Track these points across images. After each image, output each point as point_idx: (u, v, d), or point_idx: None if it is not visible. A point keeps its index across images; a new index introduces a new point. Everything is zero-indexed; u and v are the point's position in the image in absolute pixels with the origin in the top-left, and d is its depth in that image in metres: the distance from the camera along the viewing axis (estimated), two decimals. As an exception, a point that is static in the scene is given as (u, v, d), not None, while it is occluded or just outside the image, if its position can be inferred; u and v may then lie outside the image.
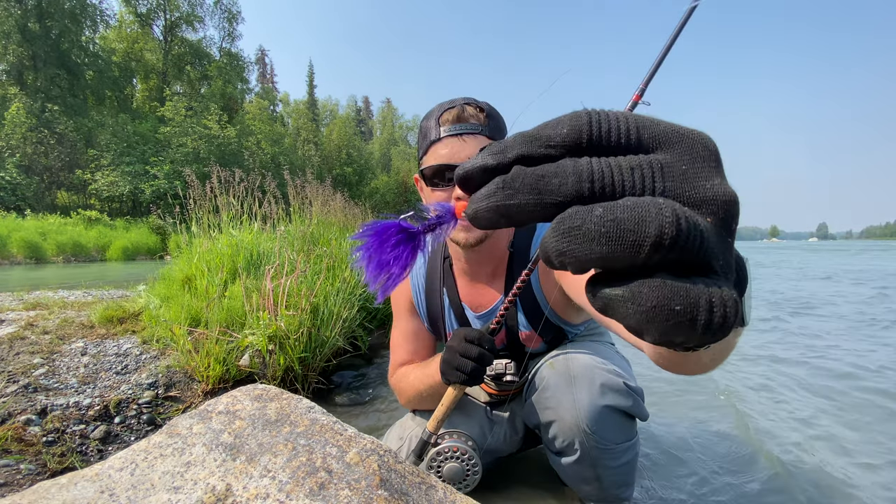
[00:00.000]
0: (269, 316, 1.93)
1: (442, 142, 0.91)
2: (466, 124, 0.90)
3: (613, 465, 0.92)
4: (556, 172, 0.19)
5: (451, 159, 0.89)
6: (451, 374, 0.85)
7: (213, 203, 3.14)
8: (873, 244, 42.60)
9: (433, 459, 0.93)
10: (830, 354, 2.64)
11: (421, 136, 0.97)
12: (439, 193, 0.93)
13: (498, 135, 0.93)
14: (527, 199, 0.20)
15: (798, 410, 1.78)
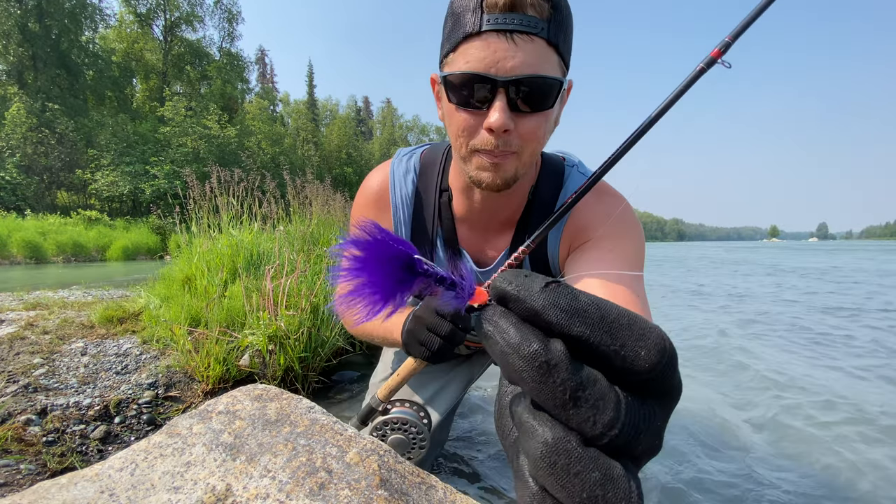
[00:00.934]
0: (269, 316, 1.93)
1: (482, 38, 0.63)
2: (522, 17, 0.61)
3: None
4: (599, 403, 0.20)
5: (491, 69, 0.63)
6: (415, 348, 0.74)
7: (212, 203, 3.14)
8: (872, 244, 43.20)
9: (378, 428, 0.85)
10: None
11: (451, 20, 0.67)
12: (463, 115, 0.68)
13: (562, 40, 0.65)
14: (553, 405, 0.20)
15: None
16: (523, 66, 0.62)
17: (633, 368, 0.20)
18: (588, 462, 0.19)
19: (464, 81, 0.65)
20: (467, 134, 0.68)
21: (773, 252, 22.12)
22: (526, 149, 0.69)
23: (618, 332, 0.20)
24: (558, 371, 0.19)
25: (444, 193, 0.87)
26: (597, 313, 0.20)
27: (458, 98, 0.67)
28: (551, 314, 0.20)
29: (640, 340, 0.20)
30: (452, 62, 0.67)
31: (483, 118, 0.66)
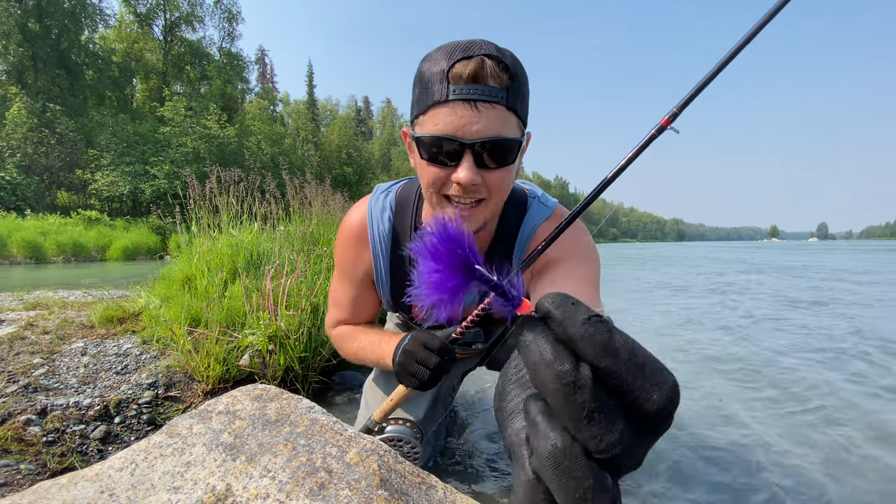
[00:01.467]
0: (269, 316, 1.93)
1: (449, 105, 0.69)
2: (484, 87, 0.68)
3: None
4: (609, 426, 0.23)
5: (458, 132, 0.70)
6: (406, 379, 0.82)
7: (212, 203, 3.14)
8: (871, 244, 43.54)
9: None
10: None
11: (420, 85, 0.73)
12: (434, 170, 0.75)
13: (520, 104, 0.73)
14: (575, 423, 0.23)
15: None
16: (486, 129, 0.70)
17: (644, 407, 0.23)
18: (587, 470, 0.23)
19: (433, 142, 0.72)
20: (438, 185, 0.77)
21: (760, 252, 22.25)
22: (493, 198, 0.78)
23: (640, 373, 0.23)
24: (583, 392, 0.22)
25: (418, 229, 0.95)
26: (626, 354, 0.23)
27: (429, 155, 0.75)
28: (587, 346, 0.23)
29: (657, 386, 0.23)
30: (423, 124, 0.74)
31: (452, 172, 0.74)
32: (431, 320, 0.32)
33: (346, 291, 1.07)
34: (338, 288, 1.09)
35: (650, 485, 1.25)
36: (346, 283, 1.06)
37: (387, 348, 0.92)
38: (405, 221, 0.97)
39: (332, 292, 1.11)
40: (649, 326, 3.50)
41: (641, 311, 4.28)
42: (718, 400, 1.89)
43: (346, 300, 1.08)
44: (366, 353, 1.00)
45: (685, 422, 1.67)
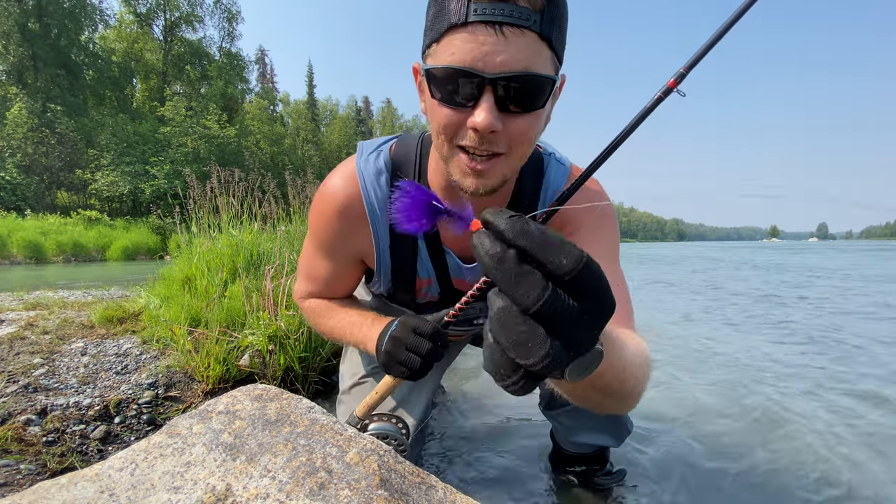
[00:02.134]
0: (269, 316, 1.93)
1: (468, 29, 0.57)
2: (514, 7, 0.56)
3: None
4: (532, 285, 0.32)
5: (478, 63, 0.57)
6: (395, 369, 0.73)
7: (212, 203, 3.14)
8: (869, 244, 43.85)
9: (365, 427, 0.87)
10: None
11: (435, 7, 0.61)
12: (447, 111, 0.62)
13: (556, 35, 0.60)
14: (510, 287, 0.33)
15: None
16: (513, 61, 0.57)
17: (558, 272, 0.31)
18: (520, 320, 0.32)
19: (448, 76, 0.59)
20: (451, 131, 0.64)
21: (751, 252, 22.36)
22: (515, 151, 0.65)
23: (550, 248, 0.32)
24: (507, 262, 0.32)
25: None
26: (539, 235, 0.32)
27: (442, 94, 0.62)
28: (509, 233, 0.33)
29: (564, 254, 0.32)
30: (436, 54, 0.61)
31: (468, 116, 0.61)
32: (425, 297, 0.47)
33: (323, 265, 0.94)
34: (312, 260, 0.95)
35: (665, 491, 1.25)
36: (324, 257, 0.93)
37: (369, 333, 0.82)
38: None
39: (305, 262, 0.97)
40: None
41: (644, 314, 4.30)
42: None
43: (322, 275, 0.95)
44: (343, 334, 0.90)
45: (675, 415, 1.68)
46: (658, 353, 2.64)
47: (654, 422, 1.66)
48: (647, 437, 1.53)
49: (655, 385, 2.07)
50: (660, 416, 1.71)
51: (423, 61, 0.65)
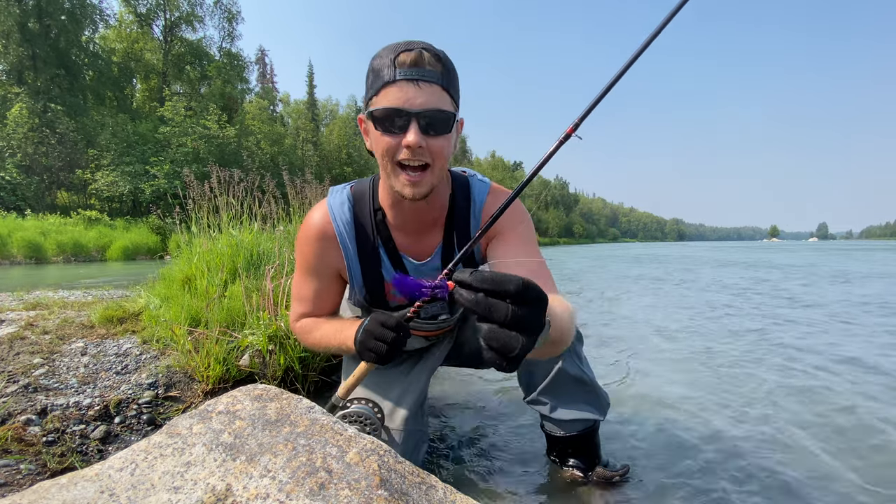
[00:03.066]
0: (269, 316, 1.93)
1: (396, 84, 0.86)
2: (423, 70, 0.86)
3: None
4: (499, 311, 0.56)
5: (405, 104, 0.85)
6: (366, 355, 0.91)
7: (212, 203, 3.14)
8: (867, 244, 44.14)
9: (337, 421, 0.97)
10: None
11: (372, 75, 0.90)
12: (387, 139, 0.88)
13: (452, 87, 0.91)
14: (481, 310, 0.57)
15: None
16: (427, 102, 0.86)
17: (511, 294, 0.55)
18: (500, 331, 0.56)
19: (387, 114, 0.87)
20: (391, 152, 0.90)
21: (744, 252, 22.50)
22: (436, 164, 0.91)
23: (501, 282, 0.55)
24: (481, 301, 0.56)
25: (377, 212, 1.08)
26: (490, 278, 0.56)
27: (383, 127, 0.88)
28: (474, 283, 0.56)
29: (510, 283, 0.55)
30: (377, 102, 0.89)
31: (402, 138, 0.87)
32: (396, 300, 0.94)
33: (309, 285, 1.13)
34: (301, 283, 1.15)
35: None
36: (310, 278, 1.13)
37: (348, 333, 0.99)
38: (364, 207, 1.09)
39: (296, 288, 1.17)
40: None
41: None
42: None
43: (309, 293, 1.14)
44: (328, 340, 1.07)
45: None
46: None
47: (642, 413, 1.66)
48: (639, 430, 1.53)
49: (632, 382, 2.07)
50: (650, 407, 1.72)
51: (366, 110, 0.93)
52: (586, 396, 1.19)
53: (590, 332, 3.23)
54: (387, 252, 1.09)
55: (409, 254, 1.10)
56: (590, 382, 1.19)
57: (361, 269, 1.10)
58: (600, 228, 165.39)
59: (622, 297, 5.40)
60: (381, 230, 1.08)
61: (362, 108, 0.97)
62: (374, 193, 1.09)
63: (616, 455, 1.40)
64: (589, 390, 1.19)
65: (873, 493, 1.20)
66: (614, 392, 1.93)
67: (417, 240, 1.10)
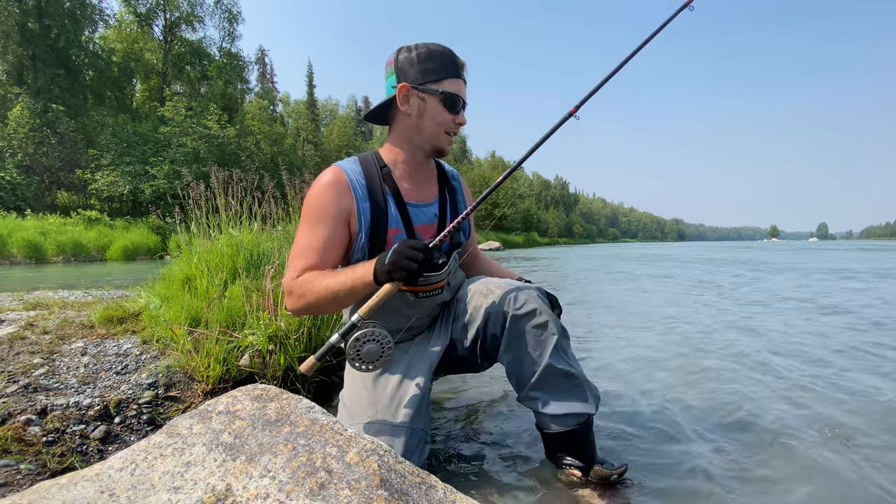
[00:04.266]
0: (269, 316, 1.93)
1: (460, 80, 1.21)
2: (465, 73, 1.25)
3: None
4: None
5: (464, 95, 1.23)
6: (397, 273, 1.01)
7: (212, 203, 3.14)
8: (867, 244, 44.48)
9: (357, 339, 1.06)
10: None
11: (436, 61, 1.18)
12: (448, 115, 1.21)
13: None
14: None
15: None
16: (466, 97, 1.26)
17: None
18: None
19: (455, 99, 1.21)
20: (447, 124, 1.23)
21: (737, 252, 22.63)
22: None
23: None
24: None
25: (383, 168, 1.26)
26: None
27: (449, 105, 1.21)
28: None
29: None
30: (447, 86, 1.19)
31: (457, 118, 1.24)
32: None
33: (319, 234, 1.18)
34: (309, 235, 1.19)
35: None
36: (320, 226, 1.18)
37: (363, 268, 1.08)
38: (371, 166, 1.26)
39: (301, 243, 1.20)
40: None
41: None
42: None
43: (318, 242, 1.18)
44: (339, 282, 1.09)
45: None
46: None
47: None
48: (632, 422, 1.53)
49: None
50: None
51: (430, 86, 1.19)
52: (576, 390, 1.21)
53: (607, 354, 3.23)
54: (393, 198, 1.24)
55: (411, 199, 1.27)
56: (578, 376, 1.22)
57: (371, 213, 1.21)
58: (600, 228, 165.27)
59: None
60: (387, 181, 1.25)
61: (414, 81, 1.19)
62: (377, 156, 1.29)
63: (614, 454, 1.40)
64: (578, 384, 1.22)
65: (874, 484, 1.20)
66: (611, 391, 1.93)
67: (419, 187, 1.30)
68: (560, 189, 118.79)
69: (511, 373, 1.25)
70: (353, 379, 1.26)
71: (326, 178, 1.21)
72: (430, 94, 1.18)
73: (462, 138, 72.22)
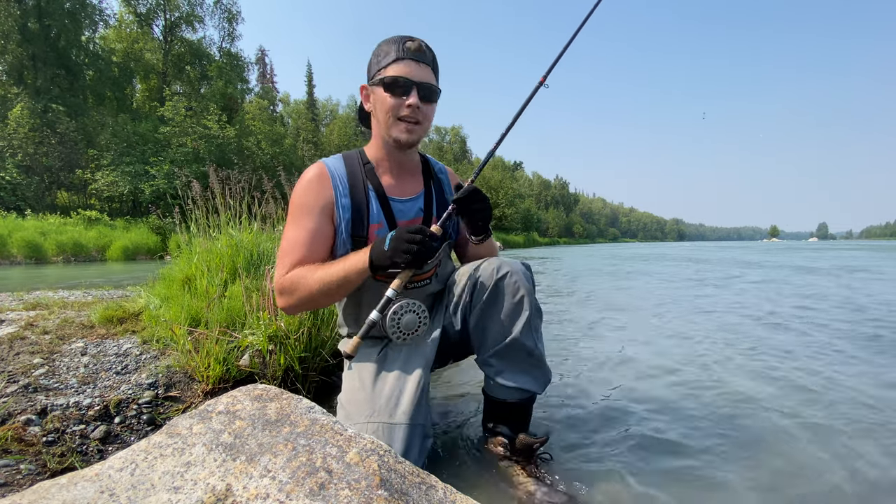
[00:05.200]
0: (269, 316, 1.93)
1: (404, 61, 1.15)
2: (423, 54, 1.18)
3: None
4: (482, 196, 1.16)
5: (411, 76, 1.16)
6: (399, 256, 1.03)
7: (212, 203, 3.14)
8: (865, 244, 44.88)
9: (395, 312, 1.12)
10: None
11: (382, 53, 1.18)
12: (393, 100, 1.17)
13: (437, 72, 1.24)
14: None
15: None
16: (424, 77, 1.19)
17: (481, 193, 1.18)
18: (486, 208, 1.21)
19: (395, 80, 1.16)
20: (394, 110, 1.18)
21: (730, 252, 22.78)
22: (423, 124, 1.22)
23: (478, 191, 1.18)
24: (474, 193, 1.17)
25: (366, 164, 1.29)
26: (473, 188, 1.17)
27: (391, 89, 1.17)
28: (469, 191, 1.16)
29: (481, 192, 1.18)
30: (387, 71, 1.17)
31: (405, 101, 1.17)
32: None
33: (304, 228, 1.20)
34: (295, 230, 1.21)
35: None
36: (305, 220, 1.21)
37: (357, 257, 1.10)
38: (354, 163, 1.29)
39: (287, 240, 1.21)
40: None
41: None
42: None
43: (304, 236, 1.20)
44: (331, 273, 1.11)
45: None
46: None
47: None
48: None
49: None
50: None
51: (375, 78, 1.20)
52: (532, 370, 1.26)
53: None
54: (375, 194, 1.26)
55: (394, 195, 1.29)
56: (538, 357, 1.26)
57: (352, 209, 1.23)
58: (600, 228, 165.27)
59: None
60: (370, 177, 1.27)
61: (368, 79, 1.23)
62: (361, 153, 1.32)
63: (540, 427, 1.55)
64: (535, 364, 1.26)
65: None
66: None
67: (402, 183, 1.31)
68: (560, 189, 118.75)
69: (475, 334, 1.28)
70: (351, 380, 1.26)
71: (309, 175, 1.24)
72: (376, 84, 1.19)
73: (462, 138, 72.14)
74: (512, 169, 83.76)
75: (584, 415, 1.71)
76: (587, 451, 1.42)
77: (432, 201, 1.34)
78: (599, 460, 1.37)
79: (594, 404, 1.82)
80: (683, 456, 1.40)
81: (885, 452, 1.39)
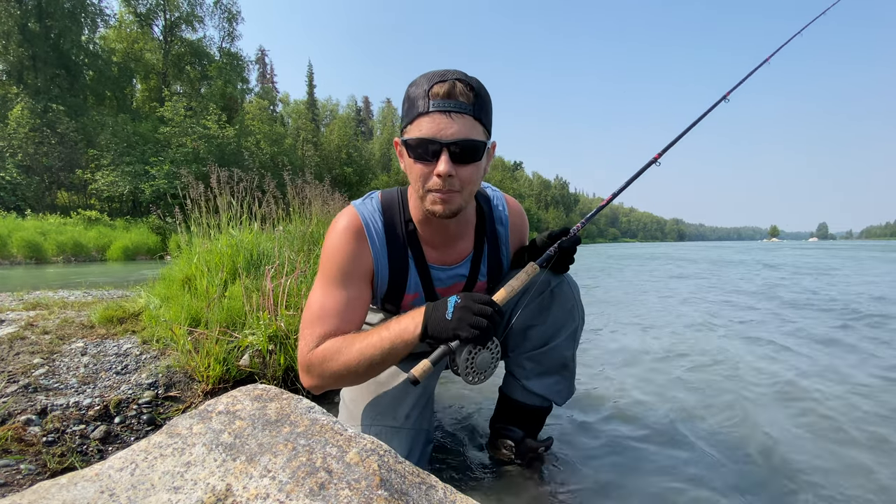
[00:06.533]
0: (269, 316, 1.93)
1: (430, 115, 0.90)
2: (455, 101, 0.90)
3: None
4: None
5: (437, 134, 0.90)
6: (465, 330, 0.87)
7: (212, 203, 3.14)
8: (865, 244, 45.00)
9: (470, 351, 0.92)
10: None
11: (408, 103, 0.95)
12: (420, 166, 0.94)
13: (484, 116, 0.94)
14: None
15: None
16: (458, 133, 0.90)
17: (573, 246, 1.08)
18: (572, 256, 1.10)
19: (419, 143, 0.92)
20: (423, 179, 0.95)
21: (728, 251, 22.81)
22: (465, 189, 0.96)
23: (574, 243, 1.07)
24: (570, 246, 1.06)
25: (408, 223, 1.09)
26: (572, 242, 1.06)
27: (416, 154, 0.93)
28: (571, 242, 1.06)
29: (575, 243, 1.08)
30: (410, 131, 0.93)
31: (434, 167, 0.92)
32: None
33: (338, 295, 1.03)
34: (326, 296, 1.03)
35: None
36: (340, 286, 1.03)
37: (403, 323, 0.93)
38: (395, 219, 1.09)
39: (316, 306, 1.02)
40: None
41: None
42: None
43: (337, 305, 1.02)
44: (373, 344, 0.93)
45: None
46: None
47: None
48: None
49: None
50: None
51: (402, 136, 0.97)
52: (562, 381, 1.23)
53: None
54: (415, 262, 1.11)
55: (436, 262, 1.13)
56: (571, 370, 1.24)
57: (389, 279, 1.09)
58: (600, 228, 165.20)
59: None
60: (412, 241, 1.09)
61: (399, 133, 1.01)
62: (405, 206, 1.10)
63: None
64: (567, 377, 1.24)
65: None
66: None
67: (445, 252, 1.13)
68: (560, 189, 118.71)
69: (515, 333, 1.19)
70: None
71: (346, 227, 1.06)
72: (402, 146, 0.97)
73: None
74: (512, 169, 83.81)
75: (588, 417, 1.71)
76: (589, 453, 1.42)
77: (481, 261, 1.17)
78: (601, 461, 1.37)
79: (597, 407, 1.82)
80: (687, 457, 1.40)
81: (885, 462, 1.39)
